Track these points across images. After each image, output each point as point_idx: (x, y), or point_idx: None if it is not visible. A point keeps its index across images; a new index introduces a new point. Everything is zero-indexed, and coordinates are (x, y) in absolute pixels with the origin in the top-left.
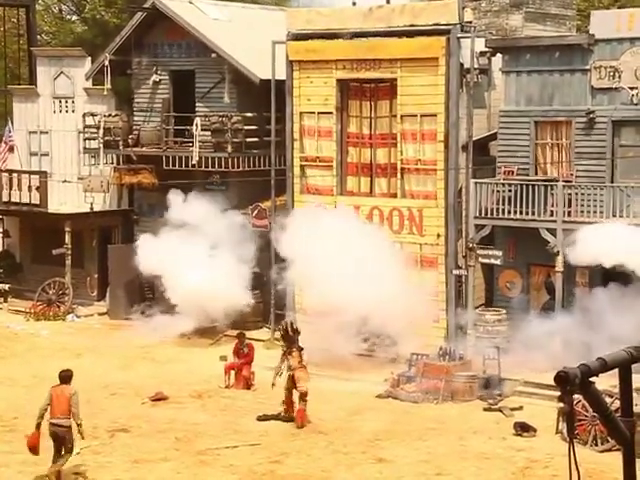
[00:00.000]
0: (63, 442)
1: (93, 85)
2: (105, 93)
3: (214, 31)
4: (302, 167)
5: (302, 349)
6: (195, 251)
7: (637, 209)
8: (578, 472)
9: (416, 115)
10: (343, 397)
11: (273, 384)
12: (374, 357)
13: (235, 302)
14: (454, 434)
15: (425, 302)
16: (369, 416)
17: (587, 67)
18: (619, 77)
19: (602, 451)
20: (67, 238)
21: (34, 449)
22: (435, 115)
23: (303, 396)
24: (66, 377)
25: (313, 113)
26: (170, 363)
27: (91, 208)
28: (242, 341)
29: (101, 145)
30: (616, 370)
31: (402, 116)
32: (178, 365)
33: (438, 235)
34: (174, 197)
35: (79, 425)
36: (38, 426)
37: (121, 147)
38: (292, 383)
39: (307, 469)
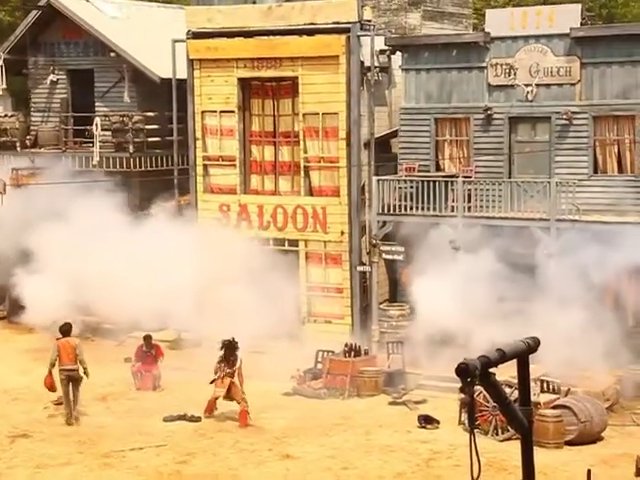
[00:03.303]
0: (76, 382)
1: None
2: (0, 93)
3: (112, 29)
4: (205, 166)
5: (235, 361)
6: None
7: (533, 204)
8: (479, 461)
9: (318, 113)
10: (249, 396)
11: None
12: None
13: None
14: (360, 429)
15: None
16: (276, 414)
17: (484, 65)
18: (514, 74)
19: (502, 440)
20: None
21: (52, 388)
22: (337, 113)
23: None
24: (67, 330)
25: (215, 112)
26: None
27: None
28: (148, 343)
29: None
30: (515, 361)
31: (304, 114)
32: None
33: (342, 232)
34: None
35: (85, 368)
36: (50, 372)
37: (18, 148)
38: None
39: (214, 468)
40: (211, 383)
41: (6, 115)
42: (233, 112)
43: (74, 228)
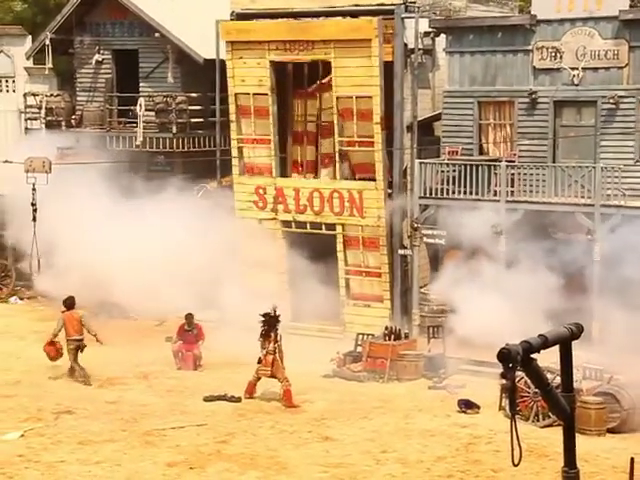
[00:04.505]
0: (82, 350)
1: (34, 64)
2: (47, 72)
3: (158, 10)
4: (239, 149)
5: (279, 336)
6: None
7: (577, 189)
8: (520, 447)
9: (352, 97)
10: (289, 377)
11: (259, 360)
12: (318, 337)
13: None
14: (399, 412)
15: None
16: (315, 396)
17: (529, 48)
18: (560, 58)
19: (544, 426)
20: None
21: (56, 355)
22: (371, 97)
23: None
24: (71, 303)
25: (248, 94)
26: (115, 344)
27: (33, 189)
28: (190, 322)
29: (43, 125)
30: (557, 347)
31: (338, 97)
32: (123, 346)
33: (379, 216)
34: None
35: (95, 335)
36: (51, 341)
37: (64, 127)
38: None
39: (253, 449)
40: (259, 363)
41: (52, 94)
42: (266, 95)
43: (110, 209)
